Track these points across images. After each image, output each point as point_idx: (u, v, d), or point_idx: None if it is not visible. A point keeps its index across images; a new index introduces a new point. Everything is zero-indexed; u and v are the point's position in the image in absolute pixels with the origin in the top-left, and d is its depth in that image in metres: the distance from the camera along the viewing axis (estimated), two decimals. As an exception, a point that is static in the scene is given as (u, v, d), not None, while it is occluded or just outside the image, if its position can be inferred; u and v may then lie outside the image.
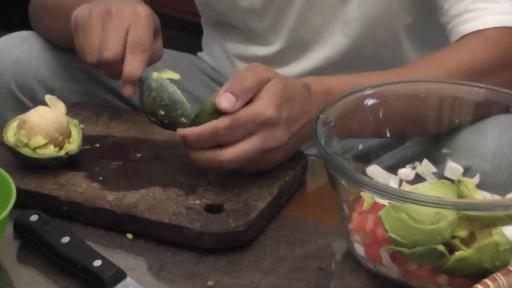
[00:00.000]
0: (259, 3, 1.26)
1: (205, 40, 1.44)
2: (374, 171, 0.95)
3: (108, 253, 0.89)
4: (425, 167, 0.97)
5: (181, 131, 0.97)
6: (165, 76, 1.03)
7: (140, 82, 1.02)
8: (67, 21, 1.11)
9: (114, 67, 1.04)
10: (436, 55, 1.09)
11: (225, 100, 0.95)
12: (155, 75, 1.02)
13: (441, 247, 0.82)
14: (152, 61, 1.07)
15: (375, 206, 0.87)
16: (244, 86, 0.95)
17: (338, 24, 1.23)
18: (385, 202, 0.85)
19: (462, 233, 0.84)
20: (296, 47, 1.28)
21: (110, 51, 1.03)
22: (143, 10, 1.07)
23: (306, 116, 0.99)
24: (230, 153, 0.95)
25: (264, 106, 0.96)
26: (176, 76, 1.05)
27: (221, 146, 0.95)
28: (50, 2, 1.23)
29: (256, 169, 0.99)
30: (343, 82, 1.03)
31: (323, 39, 1.25)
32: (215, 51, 1.39)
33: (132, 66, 1.03)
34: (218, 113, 0.95)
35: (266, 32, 1.28)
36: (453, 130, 1.05)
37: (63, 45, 1.23)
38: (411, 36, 1.26)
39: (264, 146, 0.96)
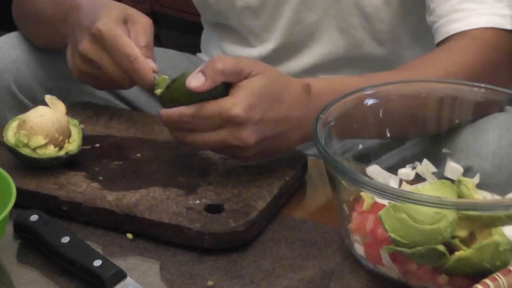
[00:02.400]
0: (255, 1, 1.26)
1: (204, 40, 1.45)
2: (374, 171, 0.95)
3: (108, 253, 0.90)
4: (425, 167, 0.97)
5: (159, 110, 0.98)
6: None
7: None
8: (47, 33, 1.13)
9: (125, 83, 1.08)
10: (430, 56, 1.10)
11: (194, 79, 0.94)
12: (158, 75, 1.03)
13: (441, 247, 0.82)
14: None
15: (375, 206, 0.87)
16: (215, 68, 0.94)
17: (333, 21, 1.23)
18: (385, 202, 0.85)
19: (462, 233, 0.84)
20: (292, 45, 1.27)
21: (120, 86, 1.08)
22: (101, 24, 1.06)
23: (297, 118, 0.98)
24: (195, 139, 0.96)
25: (233, 103, 0.94)
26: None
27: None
28: (28, 12, 1.23)
29: (232, 158, 1.00)
30: (347, 82, 1.02)
31: (318, 36, 1.25)
32: (213, 51, 1.39)
33: (146, 77, 1.04)
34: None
35: (262, 31, 1.28)
36: (453, 130, 1.05)
37: (49, 49, 1.23)
38: (409, 31, 1.26)
39: (228, 142, 0.95)
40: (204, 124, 0.95)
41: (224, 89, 0.95)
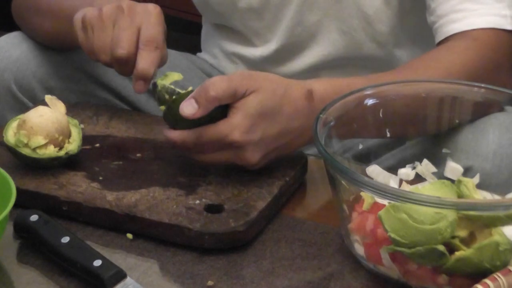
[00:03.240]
0: (257, 2, 1.26)
1: (204, 39, 1.45)
2: (374, 171, 0.95)
3: (108, 253, 0.89)
4: (425, 167, 0.97)
5: (164, 131, 0.99)
6: (168, 81, 1.04)
7: (152, 86, 1.03)
8: (65, 22, 1.11)
9: (127, 64, 1.05)
10: (431, 55, 1.10)
11: (187, 107, 0.94)
12: (160, 84, 1.02)
13: (441, 247, 0.82)
14: (161, 62, 1.07)
15: (375, 206, 0.87)
16: (208, 96, 0.94)
17: (334, 22, 1.23)
18: (385, 202, 0.85)
19: (462, 233, 0.84)
20: (293, 46, 1.28)
21: (124, 49, 1.04)
22: (154, 8, 1.07)
23: (299, 128, 0.98)
24: (202, 159, 0.98)
25: (230, 128, 0.94)
26: (179, 76, 1.05)
27: None
28: (43, 2, 1.22)
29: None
30: (352, 84, 1.01)
31: (319, 37, 1.25)
32: (214, 50, 1.39)
33: (146, 62, 1.03)
34: None
35: (264, 32, 1.29)
36: (453, 130, 1.05)
37: (53, 46, 1.23)
38: (408, 33, 1.26)
39: (233, 161, 0.97)
40: (208, 148, 0.96)
41: (224, 107, 0.96)
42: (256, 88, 0.95)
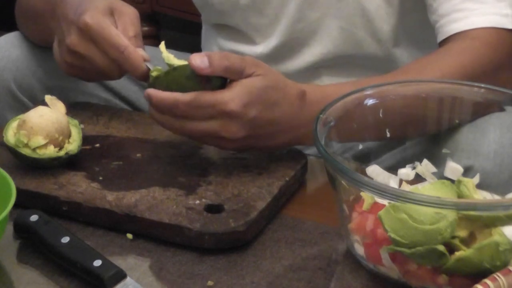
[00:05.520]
0: None
1: (204, 39, 1.44)
2: (374, 171, 0.95)
3: (108, 253, 0.89)
4: (425, 167, 0.97)
5: (148, 90, 0.99)
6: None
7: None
8: (39, 29, 1.14)
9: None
10: (427, 59, 1.10)
11: (198, 59, 0.96)
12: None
13: (441, 247, 0.82)
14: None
15: (375, 206, 0.87)
16: (221, 60, 0.96)
17: (335, 19, 1.23)
18: (385, 202, 0.85)
19: (462, 233, 0.84)
20: (294, 43, 1.27)
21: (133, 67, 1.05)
22: (88, 16, 1.05)
23: (288, 123, 0.99)
24: (183, 126, 0.97)
25: (231, 97, 0.96)
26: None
27: None
28: (24, 8, 1.24)
29: (206, 144, 1.02)
30: (342, 91, 1.02)
31: (320, 34, 1.25)
32: (213, 48, 1.39)
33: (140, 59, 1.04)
34: (191, 79, 0.96)
35: (264, 28, 1.28)
36: (453, 130, 1.05)
37: (45, 45, 1.23)
38: (408, 32, 1.26)
39: (217, 133, 0.97)
40: (197, 113, 0.96)
41: (221, 86, 0.96)
42: (263, 73, 0.98)
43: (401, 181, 0.95)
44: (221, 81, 0.97)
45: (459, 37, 1.10)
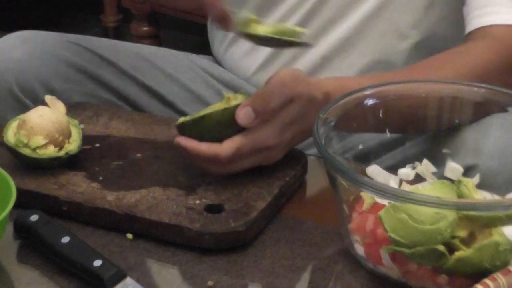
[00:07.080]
0: None
1: (210, 28, 1.42)
2: (374, 171, 0.95)
3: (108, 253, 0.90)
4: (425, 167, 0.97)
5: (181, 140, 0.98)
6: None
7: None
8: None
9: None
10: (443, 56, 1.10)
11: (244, 116, 0.97)
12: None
13: (441, 247, 0.82)
14: None
15: (375, 206, 0.87)
16: (267, 106, 0.97)
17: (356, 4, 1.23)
18: (385, 202, 0.85)
19: (462, 233, 0.84)
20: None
21: None
22: None
23: (311, 124, 1.00)
24: (232, 168, 0.98)
25: (267, 135, 0.98)
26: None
27: None
28: None
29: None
30: (363, 85, 1.01)
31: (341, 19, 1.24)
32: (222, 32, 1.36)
33: None
34: (224, 124, 0.97)
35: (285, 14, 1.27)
36: (453, 130, 1.04)
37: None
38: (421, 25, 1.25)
39: (259, 163, 1.00)
40: (239, 160, 0.98)
41: None
42: (299, 93, 0.99)
43: (401, 181, 0.95)
44: None
45: (483, 34, 1.11)
